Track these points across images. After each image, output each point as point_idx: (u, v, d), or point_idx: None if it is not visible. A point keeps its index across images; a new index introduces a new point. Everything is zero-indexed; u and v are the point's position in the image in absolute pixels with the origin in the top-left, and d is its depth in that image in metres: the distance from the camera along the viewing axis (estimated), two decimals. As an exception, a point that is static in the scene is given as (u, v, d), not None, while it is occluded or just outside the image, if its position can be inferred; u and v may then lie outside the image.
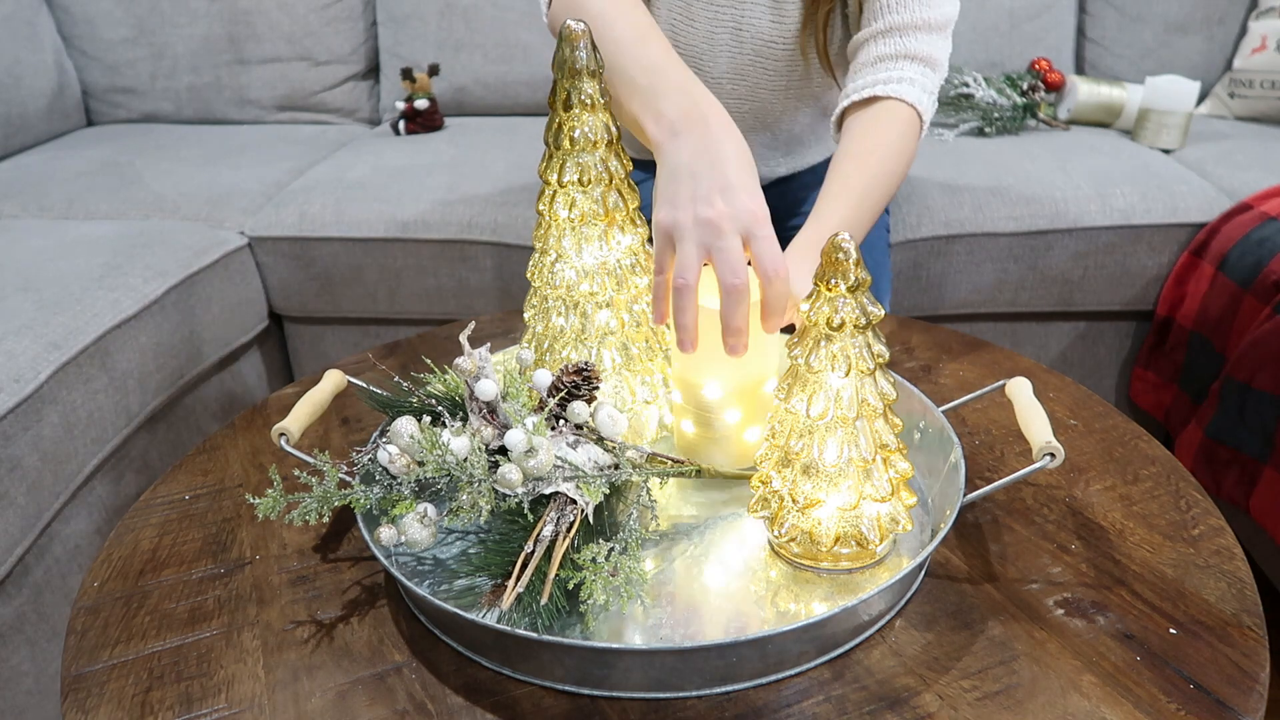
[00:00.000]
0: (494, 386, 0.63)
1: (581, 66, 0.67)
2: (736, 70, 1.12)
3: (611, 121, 0.70)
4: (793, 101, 1.16)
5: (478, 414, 0.63)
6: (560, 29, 0.68)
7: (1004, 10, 1.87)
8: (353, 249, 1.54)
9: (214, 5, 1.95)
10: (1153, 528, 0.69)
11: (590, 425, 0.65)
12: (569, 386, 0.64)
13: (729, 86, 1.15)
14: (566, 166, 0.69)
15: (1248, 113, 1.78)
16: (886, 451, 0.63)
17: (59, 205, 1.59)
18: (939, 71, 1.00)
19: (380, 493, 0.62)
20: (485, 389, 0.63)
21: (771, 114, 1.18)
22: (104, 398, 1.21)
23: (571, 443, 0.64)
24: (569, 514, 0.62)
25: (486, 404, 0.63)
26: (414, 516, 0.61)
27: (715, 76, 1.14)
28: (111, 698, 0.59)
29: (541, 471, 0.61)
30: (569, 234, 0.72)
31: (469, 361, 0.63)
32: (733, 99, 1.16)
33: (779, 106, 1.16)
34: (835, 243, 0.58)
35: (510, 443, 0.61)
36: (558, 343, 0.75)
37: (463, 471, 0.60)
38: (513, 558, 0.61)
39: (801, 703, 0.57)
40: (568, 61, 0.67)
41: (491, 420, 0.63)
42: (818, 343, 0.60)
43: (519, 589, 0.58)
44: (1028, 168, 1.55)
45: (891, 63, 0.98)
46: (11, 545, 1.06)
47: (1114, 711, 0.55)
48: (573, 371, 0.64)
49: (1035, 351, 1.60)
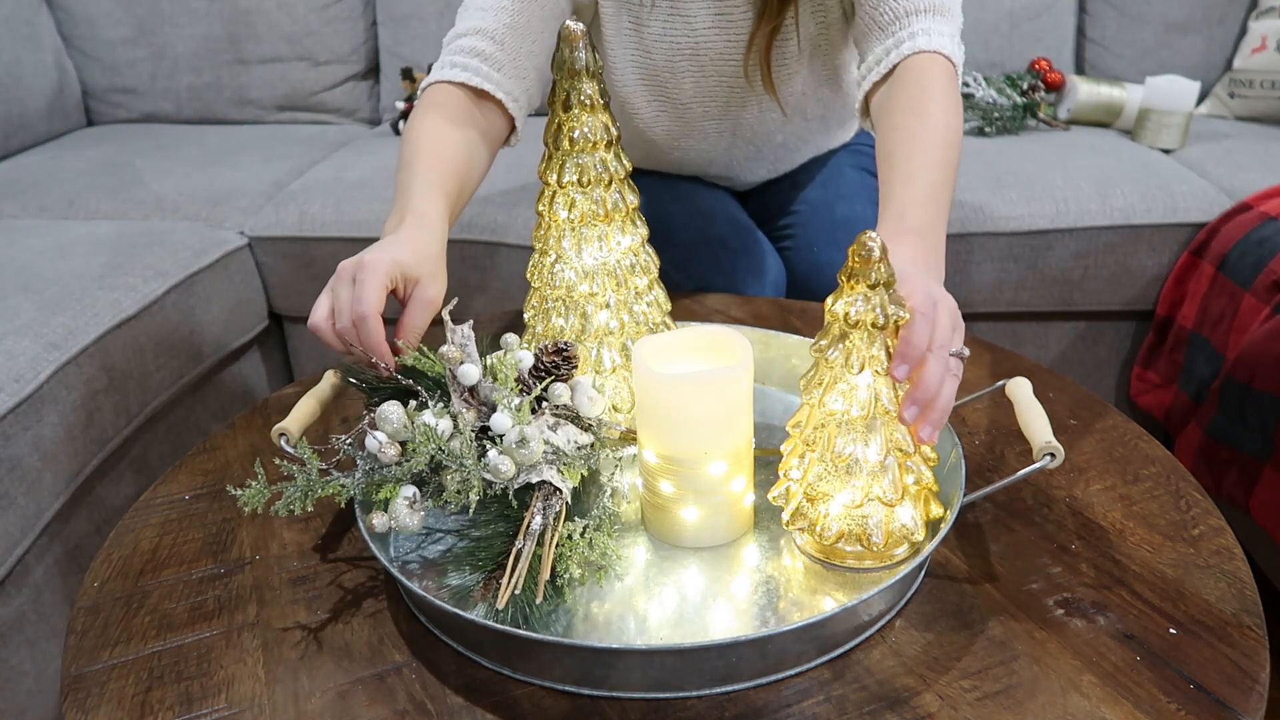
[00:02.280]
0: (476, 371, 0.63)
1: (581, 67, 0.67)
2: (704, 92, 1.11)
3: (611, 122, 0.70)
4: (770, 115, 1.15)
5: (459, 396, 0.63)
6: (560, 30, 0.68)
7: (1004, 10, 1.86)
8: (353, 249, 1.52)
9: (214, 5, 1.94)
10: (1153, 528, 0.69)
11: (569, 406, 0.65)
12: (549, 366, 0.65)
13: (700, 109, 1.13)
14: (566, 167, 0.69)
15: (1248, 113, 1.78)
16: (903, 456, 0.63)
17: (59, 205, 1.59)
18: (953, 18, 0.90)
19: (363, 479, 0.62)
20: (468, 373, 0.63)
21: (750, 128, 1.17)
22: (104, 398, 1.21)
23: (552, 425, 0.64)
24: (554, 503, 0.62)
25: (469, 388, 0.63)
26: (403, 502, 0.61)
27: (684, 101, 1.12)
28: (111, 698, 0.59)
29: (532, 460, 0.61)
30: (569, 235, 0.72)
31: (454, 350, 0.63)
32: (708, 120, 1.15)
33: (755, 120, 1.15)
34: (860, 240, 0.57)
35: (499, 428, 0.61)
36: None
37: (454, 460, 0.60)
38: (501, 550, 0.61)
39: (801, 703, 0.57)
40: (567, 62, 0.67)
41: (472, 402, 0.63)
42: (836, 338, 0.60)
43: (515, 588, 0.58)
44: (1028, 168, 1.55)
45: (898, 24, 0.89)
46: (11, 545, 1.06)
47: (1114, 711, 0.55)
48: (552, 351, 0.65)
49: (1035, 351, 1.59)
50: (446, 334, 0.65)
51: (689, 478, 0.65)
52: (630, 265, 0.73)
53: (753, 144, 1.20)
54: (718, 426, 0.64)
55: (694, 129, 1.16)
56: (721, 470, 0.65)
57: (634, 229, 0.74)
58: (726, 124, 1.15)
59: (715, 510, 0.66)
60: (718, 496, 0.66)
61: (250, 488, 0.62)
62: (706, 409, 0.63)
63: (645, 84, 1.12)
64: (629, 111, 1.16)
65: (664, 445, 0.65)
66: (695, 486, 0.65)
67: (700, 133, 1.17)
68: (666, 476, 0.65)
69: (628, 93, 1.13)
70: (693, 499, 0.66)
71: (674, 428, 0.64)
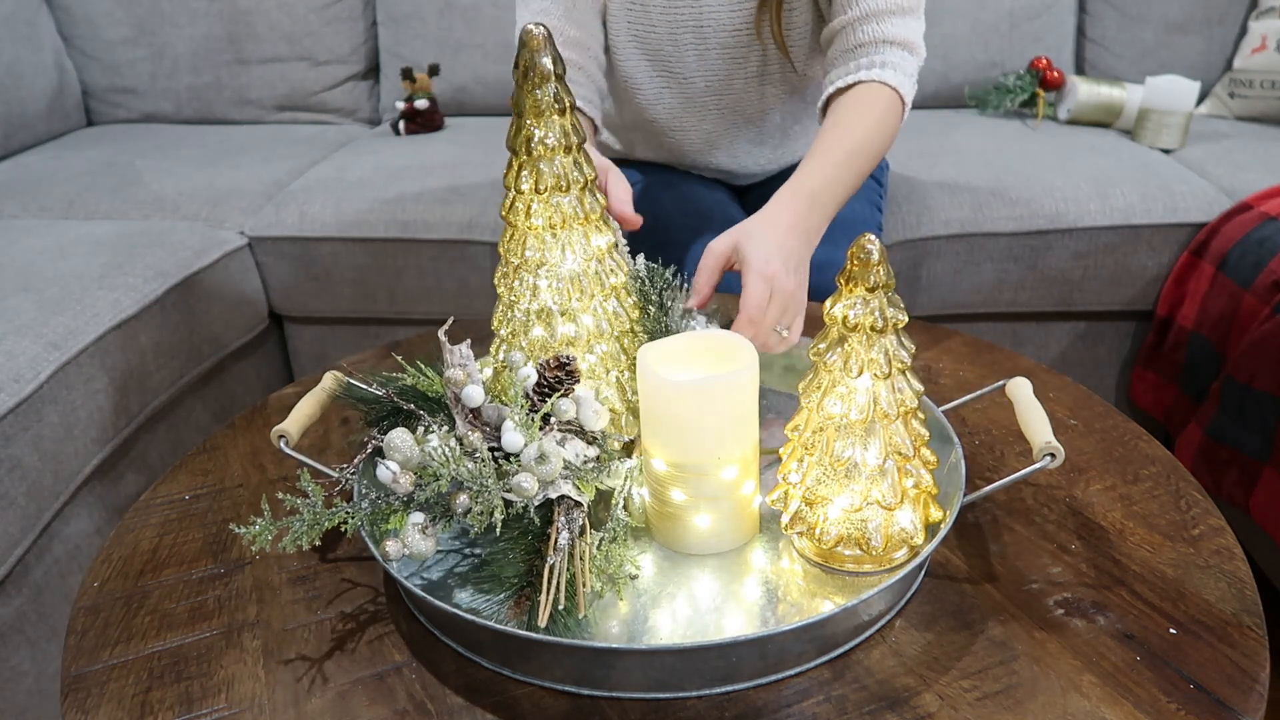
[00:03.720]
0: (480, 393, 0.63)
1: (544, 71, 0.66)
2: (706, 66, 1.13)
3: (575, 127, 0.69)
4: (770, 89, 1.16)
5: (464, 419, 0.63)
6: (520, 33, 0.66)
7: (1004, 10, 1.86)
8: (353, 249, 1.54)
9: (214, 5, 1.94)
10: (1153, 528, 0.69)
11: (575, 421, 0.65)
12: (551, 381, 0.64)
13: (702, 84, 1.15)
14: (530, 173, 0.68)
15: (1248, 113, 1.78)
16: (903, 460, 0.63)
17: (59, 205, 1.59)
18: (917, 55, 1.03)
19: (370, 508, 0.62)
20: (472, 395, 0.62)
21: (750, 105, 1.18)
22: (104, 398, 1.21)
23: (559, 440, 0.64)
24: (576, 517, 0.61)
25: (472, 409, 0.63)
26: (415, 528, 0.61)
27: (687, 76, 1.15)
28: (111, 698, 0.59)
29: (553, 476, 0.61)
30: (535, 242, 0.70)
31: (460, 373, 0.63)
32: (709, 95, 1.17)
33: (755, 96, 1.17)
34: (859, 243, 0.57)
35: (511, 446, 0.61)
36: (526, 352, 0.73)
37: (474, 481, 0.60)
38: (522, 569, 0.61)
39: (801, 703, 0.57)
40: (529, 66, 0.66)
41: (476, 423, 0.63)
42: (834, 342, 0.60)
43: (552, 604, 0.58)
44: (1028, 168, 1.55)
45: (871, 49, 1.01)
46: (11, 545, 1.06)
47: (1114, 711, 0.55)
48: (555, 366, 0.65)
49: (1035, 351, 1.59)
50: (444, 354, 0.65)
51: (701, 484, 0.64)
52: (595, 272, 0.72)
53: (753, 125, 1.21)
54: (729, 431, 0.63)
55: (695, 106, 1.19)
56: (733, 474, 0.64)
57: (600, 234, 0.72)
58: (727, 100, 1.17)
59: (727, 515, 0.66)
60: (730, 501, 0.66)
61: (255, 524, 0.61)
62: (718, 414, 0.63)
63: (648, 59, 1.14)
64: (631, 89, 1.18)
65: (675, 453, 0.64)
66: (708, 493, 0.65)
67: (701, 110, 1.19)
68: (677, 484, 0.65)
69: (630, 68, 1.15)
70: (705, 505, 0.65)
71: (686, 434, 0.63)
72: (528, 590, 0.60)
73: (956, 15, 1.87)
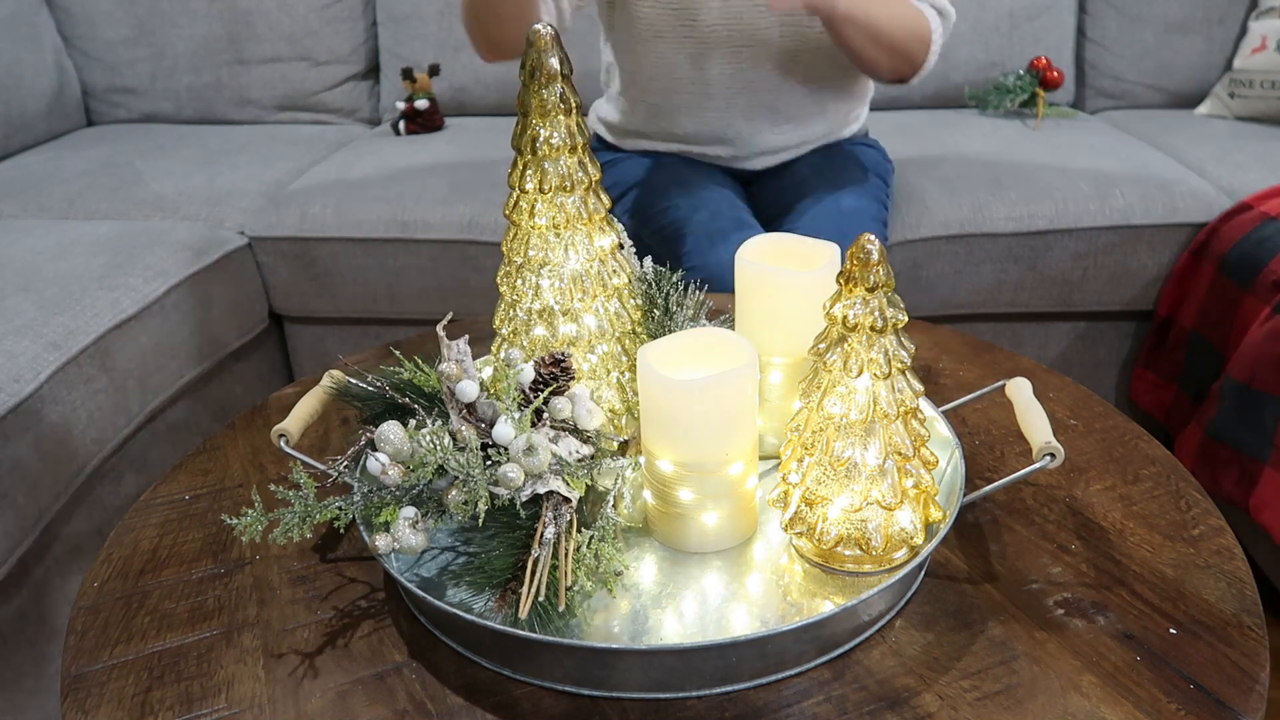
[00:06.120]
0: (474, 388, 0.63)
1: (551, 71, 0.66)
2: (730, 15, 1.14)
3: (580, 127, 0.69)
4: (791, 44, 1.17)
5: (458, 414, 0.63)
6: (528, 34, 0.65)
7: (1004, 10, 1.87)
8: (353, 249, 1.54)
9: (214, 5, 1.94)
10: (1153, 528, 0.69)
11: (570, 419, 0.65)
12: (547, 378, 0.64)
13: (725, 33, 1.16)
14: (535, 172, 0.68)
15: (1248, 113, 1.78)
16: (903, 460, 0.63)
17: (59, 205, 1.59)
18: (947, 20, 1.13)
19: (362, 502, 0.62)
20: (466, 390, 0.62)
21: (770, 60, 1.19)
22: (104, 398, 1.21)
23: (552, 437, 0.64)
24: (564, 513, 0.62)
25: (466, 404, 0.63)
26: (406, 522, 0.61)
27: (710, 24, 1.16)
28: (111, 698, 0.59)
29: (540, 469, 0.61)
30: (538, 241, 0.70)
31: (454, 368, 0.63)
32: (729, 47, 1.18)
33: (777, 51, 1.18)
34: (859, 243, 0.57)
35: (502, 439, 0.61)
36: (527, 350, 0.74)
37: (460, 470, 0.60)
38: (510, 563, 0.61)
39: (801, 703, 0.57)
40: (536, 66, 0.66)
41: (470, 419, 0.63)
42: (834, 342, 0.60)
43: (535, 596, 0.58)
44: (1027, 168, 1.55)
45: None
46: (12, 545, 1.06)
47: (1114, 711, 0.55)
48: (551, 363, 0.65)
49: (1035, 351, 1.60)
50: (442, 350, 0.65)
51: (709, 482, 0.64)
52: (597, 272, 0.72)
53: (772, 92, 1.23)
54: (735, 426, 0.64)
55: (713, 61, 1.20)
56: (739, 470, 0.65)
57: (604, 234, 0.72)
58: (746, 55, 1.19)
59: (732, 511, 0.66)
60: (735, 497, 0.66)
61: (246, 515, 0.61)
62: (724, 410, 0.63)
63: (671, 7, 1.16)
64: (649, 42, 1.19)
65: (682, 452, 0.64)
66: (716, 490, 0.65)
67: (719, 67, 1.20)
68: (685, 484, 0.65)
69: (654, 15, 1.17)
70: (712, 503, 0.65)
71: (695, 433, 0.63)
72: (514, 584, 0.60)
73: (957, 15, 1.87)
